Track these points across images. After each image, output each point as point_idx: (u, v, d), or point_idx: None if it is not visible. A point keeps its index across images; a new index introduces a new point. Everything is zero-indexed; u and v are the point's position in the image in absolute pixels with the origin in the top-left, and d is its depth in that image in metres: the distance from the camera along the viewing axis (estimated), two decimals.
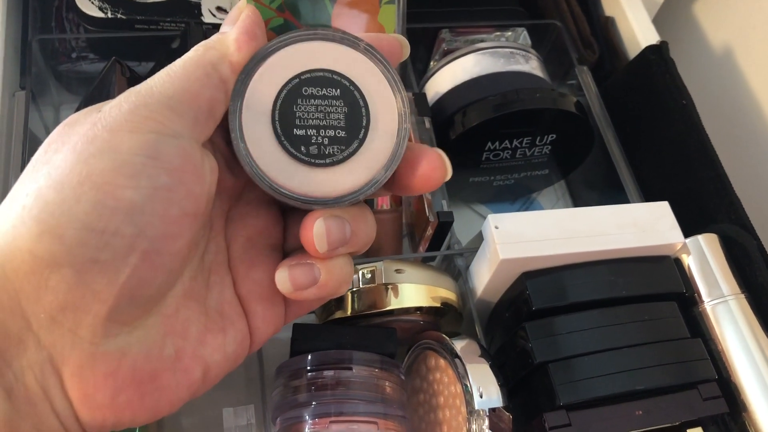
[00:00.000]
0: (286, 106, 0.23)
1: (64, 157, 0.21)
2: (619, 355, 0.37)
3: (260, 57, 0.23)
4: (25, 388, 0.20)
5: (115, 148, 0.21)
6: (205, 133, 0.23)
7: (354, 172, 0.24)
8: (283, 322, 0.27)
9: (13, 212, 0.20)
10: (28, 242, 0.20)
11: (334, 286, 0.25)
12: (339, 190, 0.24)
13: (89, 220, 0.20)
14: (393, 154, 0.24)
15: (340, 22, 0.46)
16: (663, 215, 0.41)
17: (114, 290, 0.20)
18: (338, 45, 0.24)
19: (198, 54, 0.23)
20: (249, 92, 0.23)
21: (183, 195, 0.22)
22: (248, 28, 0.23)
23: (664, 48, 0.51)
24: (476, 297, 0.42)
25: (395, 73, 0.24)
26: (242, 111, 0.23)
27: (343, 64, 0.24)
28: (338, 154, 0.23)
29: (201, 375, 0.24)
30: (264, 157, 0.23)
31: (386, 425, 0.34)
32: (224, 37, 0.24)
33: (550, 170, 0.55)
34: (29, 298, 0.20)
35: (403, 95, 0.24)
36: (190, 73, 0.22)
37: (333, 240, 0.24)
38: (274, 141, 0.23)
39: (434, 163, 0.24)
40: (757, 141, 0.58)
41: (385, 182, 0.24)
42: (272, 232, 0.27)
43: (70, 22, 0.52)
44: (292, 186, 0.23)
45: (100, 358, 0.21)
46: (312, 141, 0.23)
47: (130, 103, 0.22)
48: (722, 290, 0.40)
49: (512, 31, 0.56)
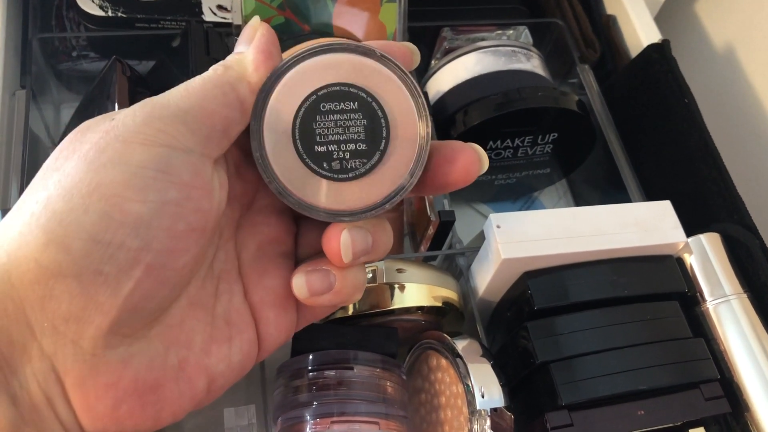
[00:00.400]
0: (306, 124, 0.23)
1: (74, 165, 0.21)
2: (621, 355, 0.37)
3: (276, 75, 0.23)
4: (29, 396, 0.20)
5: (125, 159, 0.21)
6: (218, 151, 0.23)
7: (379, 182, 0.24)
8: (294, 328, 0.27)
9: (22, 219, 0.20)
10: (35, 251, 0.20)
11: (348, 292, 0.25)
12: (365, 201, 0.24)
13: (95, 232, 0.20)
14: (417, 159, 0.24)
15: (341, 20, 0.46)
16: (665, 214, 0.41)
17: (117, 302, 0.20)
18: (353, 55, 0.24)
19: (217, 74, 0.23)
20: (268, 112, 0.23)
21: (191, 210, 0.22)
22: (264, 48, 0.24)
23: (666, 46, 0.51)
24: (478, 296, 0.42)
25: (412, 78, 0.24)
26: (263, 131, 0.23)
27: (359, 75, 0.24)
28: (360, 167, 0.24)
29: (205, 385, 0.24)
30: (288, 175, 0.23)
31: (388, 425, 0.34)
32: (242, 57, 0.24)
33: (551, 169, 0.55)
34: (33, 307, 0.20)
35: (422, 100, 0.24)
36: (207, 91, 0.22)
37: (357, 250, 0.24)
38: (297, 159, 0.23)
39: (471, 157, 0.24)
40: (760, 140, 0.58)
41: (413, 187, 0.24)
42: (284, 239, 0.27)
43: (70, 20, 0.52)
44: (319, 202, 0.24)
45: (102, 369, 0.21)
46: (334, 156, 0.23)
47: (145, 114, 0.22)
48: (725, 290, 0.40)
49: (514, 29, 0.56)
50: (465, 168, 0.24)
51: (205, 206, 0.22)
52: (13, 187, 0.43)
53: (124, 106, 0.41)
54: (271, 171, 0.23)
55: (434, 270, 0.42)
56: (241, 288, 0.26)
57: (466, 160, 0.24)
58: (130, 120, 0.21)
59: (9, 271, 0.20)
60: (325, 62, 0.23)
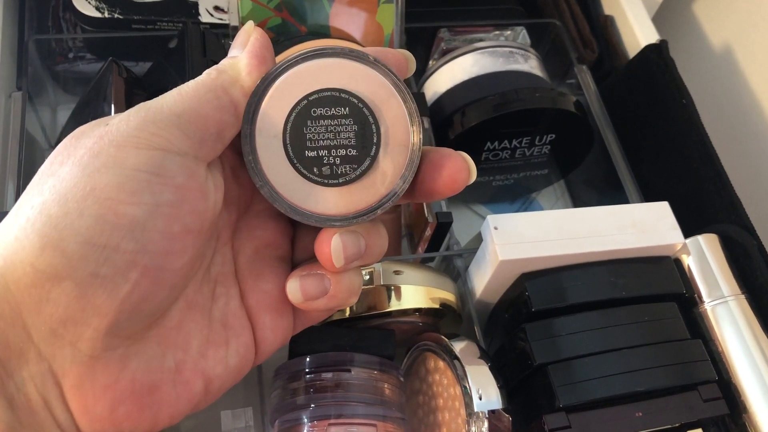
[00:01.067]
0: (296, 129, 0.23)
1: (69, 170, 0.21)
2: (618, 357, 0.37)
3: (269, 80, 0.23)
4: (26, 399, 0.20)
5: (120, 163, 0.21)
6: (212, 154, 0.23)
7: (370, 187, 0.24)
8: (291, 332, 0.27)
9: (17, 224, 0.20)
10: (30, 255, 0.20)
11: (343, 296, 0.25)
12: (356, 206, 0.24)
13: (91, 235, 0.20)
14: (409, 165, 0.24)
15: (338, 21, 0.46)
16: (663, 215, 0.41)
17: (114, 305, 0.21)
18: (345, 60, 0.24)
19: (211, 78, 0.23)
20: (260, 117, 0.23)
21: (186, 212, 0.22)
22: (258, 52, 0.24)
23: (664, 47, 0.51)
24: (475, 298, 0.42)
25: (404, 84, 0.24)
26: (255, 135, 0.23)
27: (351, 80, 0.24)
28: (351, 173, 0.24)
29: (202, 388, 0.24)
30: (279, 179, 0.23)
31: (385, 427, 0.34)
32: (235, 61, 0.24)
33: (549, 170, 0.54)
34: (30, 311, 0.20)
35: (415, 106, 0.24)
36: (201, 95, 0.23)
37: (349, 255, 0.24)
38: (287, 164, 0.23)
39: (459, 165, 0.24)
40: (758, 140, 0.58)
41: (404, 192, 0.24)
42: (280, 243, 0.27)
43: (66, 22, 0.52)
44: (309, 207, 0.24)
45: (100, 371, 0.21)
46: (324, 162, 0.23)
47: (139, 118, 0.22)
48: (722, 291, 0.40)
49: (511, 30, 0.56)
50: (451, 176, 0.24)
51: (201, 208, 0.22)
52: (10, 189, 0.43)
53: (121, 108, 0.42)
54: (262, 175, 0.23)
55: (432, 272, 0.42)
56: (238, 291, 0.26)
57: (453, 168, 0.24)
58: (124, 125, 0.21)
59: (5, 276, 0.20)
60: (317, 67, 0.23)
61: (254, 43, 0.24)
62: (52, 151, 0.22)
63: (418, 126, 0.24)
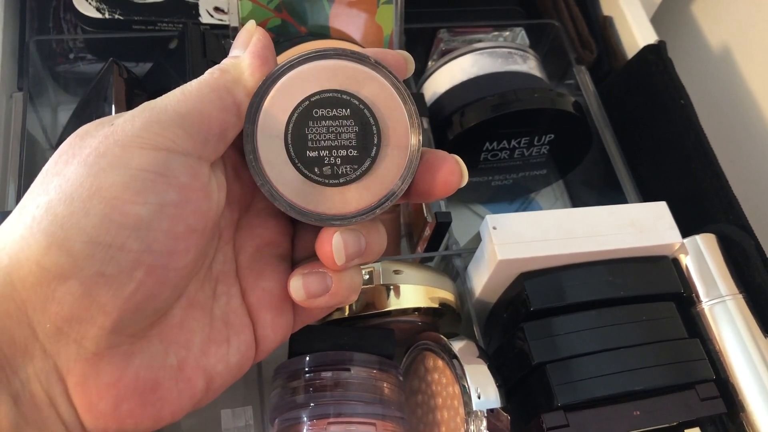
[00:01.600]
0: (298, 129, 0.24)
1: (74, 169, 0.21)
2: (616, 356, 0.37)
3: (271, 80, 0.24)
4: (31, 395, 0.21)
5: (125, 163, 0.21)
6: (215, 153, 0.23)
7: (370, 188, 0.24)
8: (291, 330, 0.27)
9: (23, 223, 0.21)
10: (36, 254, 0.20)
11: (345, 294, 0.25)
12: (356, 206, 0.24)
13: (96, 234, 0.20)
14: (408, 166, 0.24)
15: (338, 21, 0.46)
16: (661, 215, 0.41)
17: (119, 303, 0.21)
18: (347, 62, 0.24)
19: (214, 77, 0.23)
20: (262, 116, 0.24)
21: (190, 212, 0.22)
22: (260, 52, 0.24)
23: (663, 47, 0.51)
24: (474, 297, 0.42)
25: (404, 86, 0.24)
26: (257, 135, 0.24)
27: (352, 81, 0.24)
28: (351, 173, 0.24)
29: (204, 385, 0.24)
30: (280, 179, 0.24)
31: (384, 426, 0.34)
32: (238, 61, 0.24)
33: (548, 170, 0.55)
34: (36, 309, 0.20)
35: (414, 107, 0.24)
36: (204, 95, 0.23)
37: (350, 253, 0.24)
38: (289, 163, 0.24)
39: (452, 167, 0.25)
40: (756, 140, 0.58)
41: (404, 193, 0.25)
42: (281, 241, 0.27)
43: (67, 22, 0.52)
44: (309, 206, 0.24)
45: (104, 368, 0.21)
46: (325, 162, 0.24)
47: (144, 119, 0.22)
48: (720, 290, 0.40)
49: (510, 31, 0.56)
50: (445, 179, 0.25)
51: (204, 207, 0.23)
52: (11, 190, 0.43)
53: (122, 108, 0.42)
54: (263, 174, 0.24)
55: (431, 271, 0.42)
56: (239, 290, 0.26)
57: (447, 171, 0.25)
58: (129, 125, 0.22)
59: (11, 274, 0.20)
60: (319, 68, 0.24)
61: (256, 43, 0.24)
62: (53, 151, 0.22)
63: (417, 127, 0.24)
